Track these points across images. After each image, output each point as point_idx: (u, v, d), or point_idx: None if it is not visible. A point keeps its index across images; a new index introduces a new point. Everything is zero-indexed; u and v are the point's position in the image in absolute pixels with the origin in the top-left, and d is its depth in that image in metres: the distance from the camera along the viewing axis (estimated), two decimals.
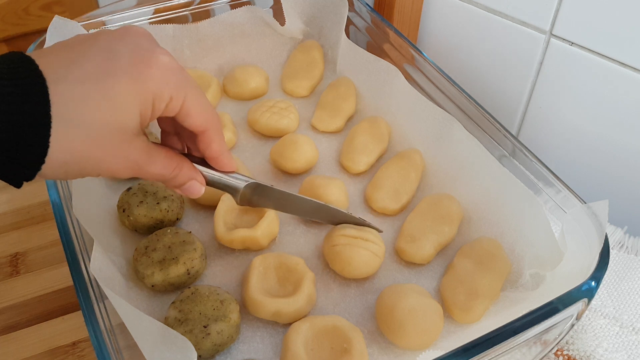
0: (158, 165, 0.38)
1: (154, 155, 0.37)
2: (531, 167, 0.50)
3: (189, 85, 0.37)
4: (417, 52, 0.64)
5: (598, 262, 0.42)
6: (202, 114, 0.38)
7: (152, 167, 0.37)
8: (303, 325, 0.45)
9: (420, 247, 0.52)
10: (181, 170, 0.40)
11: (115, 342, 0.40)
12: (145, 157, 0.36)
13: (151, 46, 0.35)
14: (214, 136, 0.40)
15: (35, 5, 0.80)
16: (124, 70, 0.33)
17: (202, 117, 0.38)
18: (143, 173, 0.37)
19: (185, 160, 0.41)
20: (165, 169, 0.38)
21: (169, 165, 0.39)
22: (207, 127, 0.39)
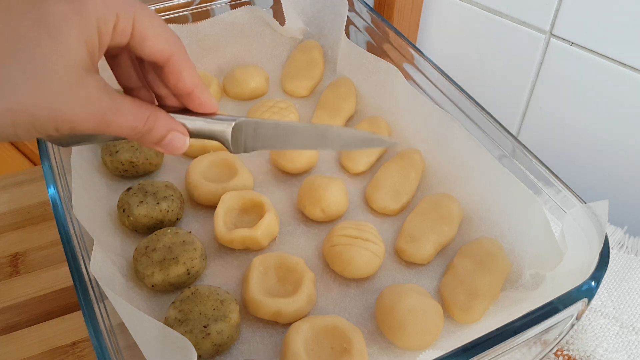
0: (127, 115, 0.32)
1: (118, 100, 0.31)
2: (531, 167, 0.50)
3: (135, 2, 0.31)
4: (417, 52, 0.64)
5: (598, 262, 0.42)
6: (162, 35, 0.32)
7: (119, 116, 0.31)
8: (303, 325, 0.45)
9: (420, 247, 0.52)
10: (157, 120, 0.34)
11: (115, 342, 0.40)
12: (109, 102, 0.31)
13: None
14: (182, 62, 0.34)
15: None
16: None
17: (162, 38, 0.32)
18: (110, 124, 0.31)
19: (159, 109, 0.35)
20: (136, 118, 0.32)
21: (141, 114, 0.33)
22: (171, 52, 0.33)
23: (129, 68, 0.36)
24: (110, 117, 0.31)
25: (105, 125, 0.31)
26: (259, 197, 0.56)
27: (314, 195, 0.55)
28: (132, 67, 0.36)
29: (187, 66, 0.34)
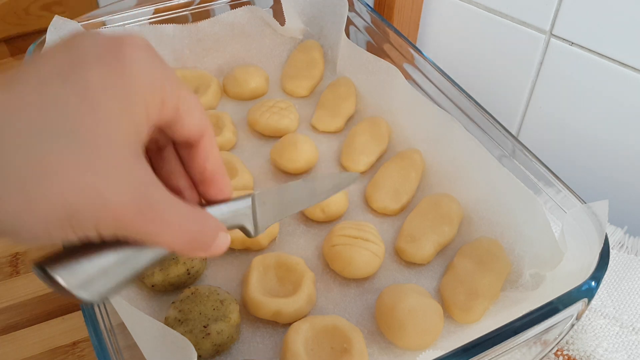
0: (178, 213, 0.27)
1: (170, 195, 0.26)
2: (531, 167, 0.50)
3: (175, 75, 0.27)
4: (417, 52, 0.64)
5: (598, 262, 0.42)
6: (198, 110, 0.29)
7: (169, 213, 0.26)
8: (303, 325, 0.45)
9: (420, 247, 0.52)
10: (207, 221, 0.29)
11: (115, 342, 0.40)
12: (159, 193, 0.26)
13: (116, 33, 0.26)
14: (212, 140, 0.30)
15: (35, 5, 0.80)
16: (96, 59, 0.24)
17: (199, 113, 0.29)
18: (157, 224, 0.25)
19: (202, 208, 0.31)
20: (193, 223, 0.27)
21: (192, 213, 0.28)
22: (205, 128, 0.29)
23: (177, 164, 0.31)
24: (160, 212, 0.26)
25: (153, 221, 0.25)
26: None
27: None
28: (179, 163, 0.31)
29: (215, 144, 0.30)
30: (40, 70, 0.23)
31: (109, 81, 0.24)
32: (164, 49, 0.71)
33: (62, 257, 0.26)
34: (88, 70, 0.23)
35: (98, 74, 0.23)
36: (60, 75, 0.23)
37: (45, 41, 0.60)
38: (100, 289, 0.27)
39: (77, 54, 0.24)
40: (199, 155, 0.30)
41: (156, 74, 0.26)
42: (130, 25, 0.68)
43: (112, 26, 0.67)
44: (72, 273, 0.26)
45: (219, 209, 0.32)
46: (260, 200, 0.36)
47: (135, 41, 0.25)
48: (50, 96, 0.22)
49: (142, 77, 0.25)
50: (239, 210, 0.34)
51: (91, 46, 0.24)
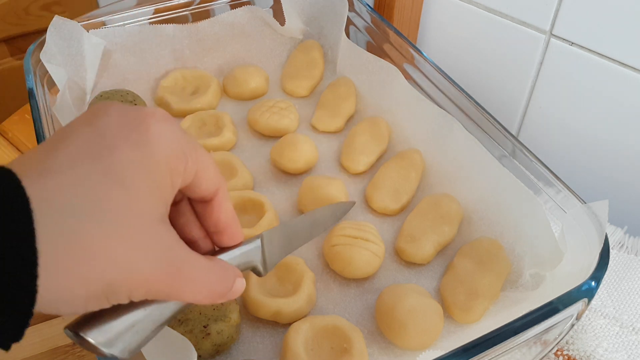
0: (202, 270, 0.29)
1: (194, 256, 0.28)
2: (531, 167, 0.50)
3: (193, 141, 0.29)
4: (417, 52, 0.64)
5: (598, 262, 0.42)
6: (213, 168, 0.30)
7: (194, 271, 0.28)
8: (303, 325, 0.45)
9: (420, 247, 0.52)
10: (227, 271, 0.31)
11: None
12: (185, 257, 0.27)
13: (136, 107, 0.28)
14: (226, 194, 0.32)
15: (35, 5, 0.80)
16: (121, 137, 0.25)
17: (214, 171, 0.30)
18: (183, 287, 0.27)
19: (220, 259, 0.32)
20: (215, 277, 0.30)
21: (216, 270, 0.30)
22: (219, 185, 0.31)
23: (191, 216, 0.32)
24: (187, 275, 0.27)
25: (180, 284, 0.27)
26: (259, 197, 0.56)
27: (314, 195, 0.55)
28: (193, 215, 0.33)
29: (228, 197, 0.32)
30: (71, 153, 0.24)
31: (136, 159, 0.25)
32: (164, 49, 0.71)
33: (91, 318, 0.27)
34: (116, 151, 0.25)
35: (126, 154, 0.25)
36: (90, 156, 0.24)
37: (45, 41, 0.60)
38: (129, 344, 0.28)
39: (104, 134, 0.25)
40: (213, 209, 0.32)
41: (178, 144, 0.27)
42: (130, 25, 0.68)
43: (112, 26, 0.67)
44: (102, 332, 0.27)
45: (232, 254, 0.34)
46: (268, 239, 0.38)
47: (156, 116, 0.27)
48: (83, 179, 0.24)
49: (165, 149, 0.26)
50: (250, 253, 0.35)
51: (116, 125, 0.26)
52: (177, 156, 0.27)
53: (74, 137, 0.25)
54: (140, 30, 0.69)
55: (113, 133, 0.25)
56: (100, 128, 0.25)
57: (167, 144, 0.27)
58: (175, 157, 0.27)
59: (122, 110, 0.27)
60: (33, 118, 0.53)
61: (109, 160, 0.24)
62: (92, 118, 0.26)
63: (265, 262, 0.37)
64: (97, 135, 0.25)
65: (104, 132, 0.25)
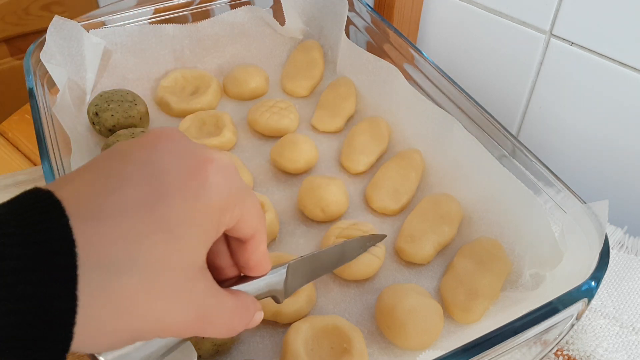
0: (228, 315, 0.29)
1: (222, 299, 0.28)
2: (531, 167, 0.50)
3: (244, 185, 0.29)
4: (417, 52, 0.64)
5: (598, 262, 0.42)
6: (256, 215, 0.30)
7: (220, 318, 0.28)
8: (303, 325, 0.45)
9: (420, 247, 0.52)
10: (248, 309, 0.31)
11: None
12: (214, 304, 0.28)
13: (197, 146, 0.27)
14: (262, 237, 0.31)
15: (35, 5, 0.80)
16: (178, 187, 0.25)
17: (256, 220, 0.30)
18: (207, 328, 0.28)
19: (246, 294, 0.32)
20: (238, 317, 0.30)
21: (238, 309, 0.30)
22: (258, 229, 0.31)
23: (223, 246, 0.32)
24: (212, 319, 0.28)
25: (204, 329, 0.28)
26: (259, 197, 0.56)
27: (314, 195, 0.55)
28: (225, 245, 0.32)
29: (264, 241, 0.32)
30: (125, 198, 0.24)
31: (189, 210, 0.25)
32: (164, 49, 0.71)
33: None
34: (171, 201, 0.25)
35: (180, 205, 0.25)
36: (143, 205, 0.24)
37: (45, 41, 0.60)
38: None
39: (161, 179, 0.25)
40: (246, 250, 0.31)
41: (230, 193, 0.27)
42: (130, 25, 0.68)
43: (112, 26, 0.67)
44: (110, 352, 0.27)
45: (257, 284, 0.34)
46: (293, 269, 0.38)
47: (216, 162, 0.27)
48: (133, 230, 0.24)
49: (219, 200, 0.26)
50: (273, 283, 0.35)
51: (175, 170, 0.25)
52: (227, 205, 0.27)
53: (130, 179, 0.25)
54: (140, 30, 0.69)
55: (170, 180, 0.25)
56: (159, 173, 0.25)
57: (221, 194, 0.26)
58: (225, 207, 0.27)
59: (184, 150, 0.26)
60: (33, 118, 0.53)
61: (162, 211, 0.24)
62: (152, 155, 0.26)
63: (286, 291, 0.37)
64: (154, 180, 0.25)
65: (162, 177, 0.25)
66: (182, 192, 0.25)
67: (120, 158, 0.26)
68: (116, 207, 0.24)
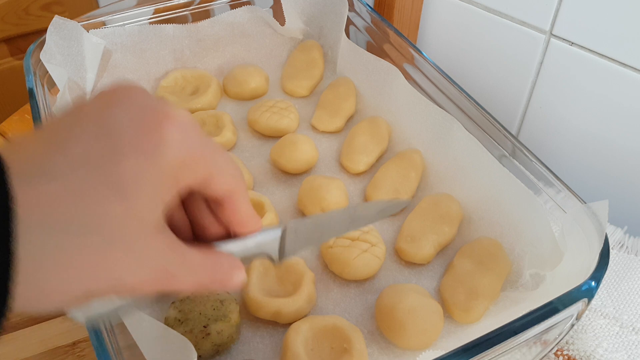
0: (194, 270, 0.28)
1: (186, 255, 0.27)
2: (531, 167, 0.50)
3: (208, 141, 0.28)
4: (417, 52, 0.64)
5: (598, 262, 0.42)
6: (228, 173, 0.29)
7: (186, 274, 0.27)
8: (303, 325, 0.45)
9: (420, 247, 0.52)
10: (221, 265, 0.30)
11: (115, 342, 0.40)
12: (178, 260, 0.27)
13: (155, 102, 0.26)
14: (242, 199, 0.30)
15: (35, 5, 0.80)
16: (131, 143, 0.24)
17: (229, 176, 0.29)
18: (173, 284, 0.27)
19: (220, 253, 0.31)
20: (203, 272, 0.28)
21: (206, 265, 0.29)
22: (235, 188, 0.29)
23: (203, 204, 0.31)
24: (177, 276, 0.27)
25: (167, 285, 0.27)
26: (259, 197, 0.56)
27: (314, 195, 0.55)
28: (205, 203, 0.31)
29: (245, 201, 0.31)
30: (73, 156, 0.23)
31: (142, 169, 0.24)
32: (163, 49, 0.71)
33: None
34: (123, 160, 0.23)
35: (132, 164, 0.24)
36: (93, 163, 0.23)
37: (45, 41, 0.60)
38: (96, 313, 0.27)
39: (113, 137, 0.24)
40: (226, 210, 0.30)
41: (190, 150, 0.26)
42: (130, 25, 0.68)
43: (112, 26, 0.67)
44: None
45: (244, 243, 0.32)
46: (293, 229, 0.35)
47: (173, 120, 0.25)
48: (81, 189, 0.23)
49: (176, 157, 0.25)
50: (265, 244, 0.33)
51: (129, 128, 0.24)
52: (185, 165, 0.26)
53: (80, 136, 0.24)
54: (140, 30, 0.69)
55: (123, 138, 0.24)
56: (111, 129, 0.24)
57: (178, 151, 0.25)
58: (183, 166, 0.26)
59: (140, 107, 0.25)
60: (33, 118, 0.53)
61: (112, 170, 0.23)
62: (105, 111, 0.24)
63: (283, 252, 0.35)
64: (106, 137, 0.24)
65: (114, 135, 0.24)
66: (135, 150, 0.24)
67: (73, 116, 0.25)
68: (64, 164, 0.23)
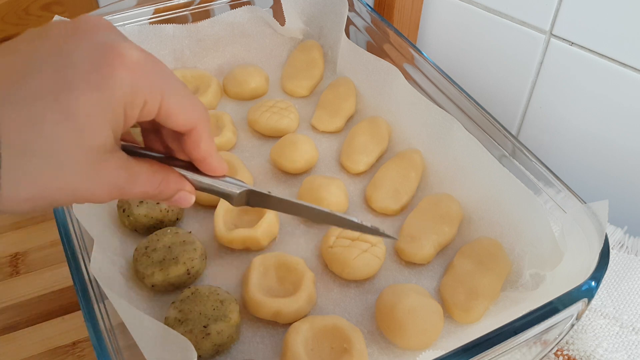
0: (141, 183, 0.32)
1: (135, 172, 0.32)
2: (531, 167, 0.50)
3: (166, 81, 0.31)
4: (417, 52, 0.64)
5: (598, 262, 0.42)
6: (186, 112, 0.32)
7: (134, 186, 0.32)
8: (303, 325, 0.45)
9: (420, 247, 0.52)
10: (168, 184, 0.34)
11: (115, 342, 0.40)
12: (126, 176, 0.31)
13: (113, 40, 0.29)
14: (201, 134, 0.34)
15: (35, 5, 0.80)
16: (83, 78, 0.27)
17: (186, 115, 0.32)
18: (125, 194, 0.32)
19: (171, 170, 0.35)
20: (149, 185, 0.33)
21: (154, 181, 0.33)
22: (193, 126, 0.33)
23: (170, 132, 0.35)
24: (127, 188, 0.31)
25: (120, 195, 0.31)
26: None
27: (314, 195, 0.55)
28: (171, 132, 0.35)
29: (205, 137, 0.34)
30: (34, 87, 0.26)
31: (93, 100, 0.27)
32: (164, 49, 0.71)
33: None
34: (75, 92, 0.27)
35: (84, 95, 0.27)
36: (50, 93, 0.27)
37: None
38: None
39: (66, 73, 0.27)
40: (187, 144, 0.34)
41: (139, 88, 0.29)
42: (130, 25, 0.68)
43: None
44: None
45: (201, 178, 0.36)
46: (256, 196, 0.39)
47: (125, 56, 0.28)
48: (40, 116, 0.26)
49: (125, 91, 0.28)
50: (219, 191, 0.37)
51: (83, 62, 0.27)
52: (134, 99, 0.29)
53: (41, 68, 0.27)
54: (140, 30, 0.69)
55: (76, 72, 0.27)
56: (67, 64, 0.27)
57: (128, 86, 0.28)
58: (132, 100, 0.29)
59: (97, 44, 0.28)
60: None
61: (66, 100, 0.27)
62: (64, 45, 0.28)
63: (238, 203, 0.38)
64: (63, 69, 0.27)
65: (69, 69, 0.27)
66: (86, 84, 0.27)
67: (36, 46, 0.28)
68: (24, 94, 0.26)
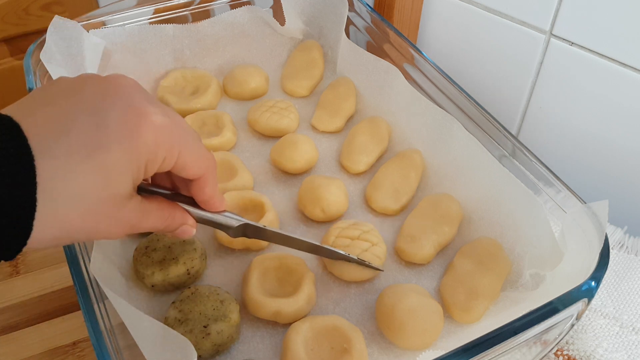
0: (152, 221, 0.37)
1: (147, 211, 0.37)
2: (531, 167, 0.50)
3: (183, 139, 0.35)
4: (417, 52, 0.64)
5: (598, 262, 0.42)
6: (198, 164, 0.37)
7: (145, 223, 0.37)
8: (303, 325, 0.45)
9: (420, 247, 0.52)
10: (174, 219, 0.39)
11: (115, 342, 0.40)
12: (140, 216, 0.36)
13: (141, 103, 0.33)
14: (207, 181, 0.39)
15: (35, 5, 0.80)
16: (115, 140, 0.31)
17: (197, 166, 0.37)
18: (137, 230, 0.36)
19: (176, 207, 0.40)
20: (158, 222, 0.38)
21: (162, 217, 0.38)
22: (202, 174, 0.38)
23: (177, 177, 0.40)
24: (138, 226, 0.36)
25: (132, 231, 0.36)
26: (259, 197, 0.56)
27: (314, 195, 0.55)
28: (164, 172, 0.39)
29: (211, 182, 0.39)
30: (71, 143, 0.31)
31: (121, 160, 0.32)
32: (164, 49, 0.71)
33: None
34: (106, 151, 0.31)
35: (113, 155, 0.31)
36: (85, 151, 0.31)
37: (45, 41, 0.60)
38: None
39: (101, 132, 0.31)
40: (193, 188, 0.39)
41: (160, 148, 0.33)
42: (130, 25, 0.68)
43: (112, 26, 0.67)
44: None
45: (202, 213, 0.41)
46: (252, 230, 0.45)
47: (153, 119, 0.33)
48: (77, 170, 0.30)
49: (147, 152, 0.33)
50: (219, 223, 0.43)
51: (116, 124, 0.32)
52: (155, 157, 0.33)
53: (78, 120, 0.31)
54: (140, 30, 0.69)
55: (110, 132, 0.31)
56: (101, 122, 0.31)
57: (152, 146, 0.33)
58: (153, 158, 0.33)
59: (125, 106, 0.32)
60: None
61: (100, 157, 0.31)
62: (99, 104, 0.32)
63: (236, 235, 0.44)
64: (97, 130, 0.31)
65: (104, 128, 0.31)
66: (117, 145, 0.31)
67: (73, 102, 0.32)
68: (64, 149, 0.30)
